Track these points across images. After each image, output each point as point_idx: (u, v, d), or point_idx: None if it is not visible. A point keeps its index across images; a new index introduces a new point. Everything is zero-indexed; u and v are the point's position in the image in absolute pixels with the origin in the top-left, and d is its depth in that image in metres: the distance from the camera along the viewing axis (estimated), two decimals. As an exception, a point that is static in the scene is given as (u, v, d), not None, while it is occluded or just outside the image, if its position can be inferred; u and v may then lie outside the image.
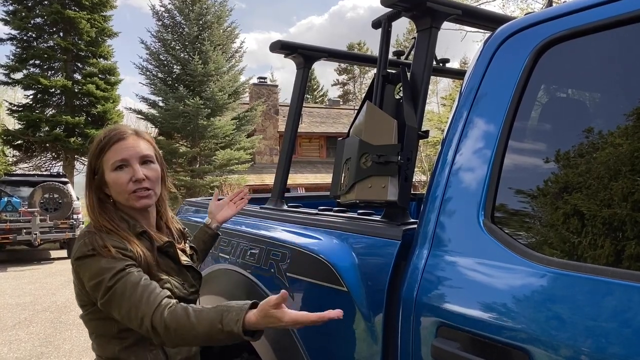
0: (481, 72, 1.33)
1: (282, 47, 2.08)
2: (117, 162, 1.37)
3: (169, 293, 1.30)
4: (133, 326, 1.25)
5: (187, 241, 1.67)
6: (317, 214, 1.81)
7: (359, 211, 1.71)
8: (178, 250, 1.50)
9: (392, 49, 1.88)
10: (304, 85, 2.17)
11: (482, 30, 2.88)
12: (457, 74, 2.82)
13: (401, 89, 1.63)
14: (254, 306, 1.22)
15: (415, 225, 1.38)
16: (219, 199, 1.93)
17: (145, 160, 1.41)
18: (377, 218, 1.57)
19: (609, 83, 1.17)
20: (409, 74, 1.61)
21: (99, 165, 1.39)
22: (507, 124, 1.20)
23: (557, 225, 1.07)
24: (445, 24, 1.63)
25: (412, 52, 2.19)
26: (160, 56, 17.29)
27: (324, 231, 1.66)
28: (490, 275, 1.12)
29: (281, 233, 1.78)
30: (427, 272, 1.23)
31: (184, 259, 1.52)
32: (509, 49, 1.29)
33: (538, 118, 1.29)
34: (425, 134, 1.57)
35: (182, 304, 1.26)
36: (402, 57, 2.49)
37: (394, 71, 1.69)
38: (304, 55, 2.12)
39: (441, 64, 2.66)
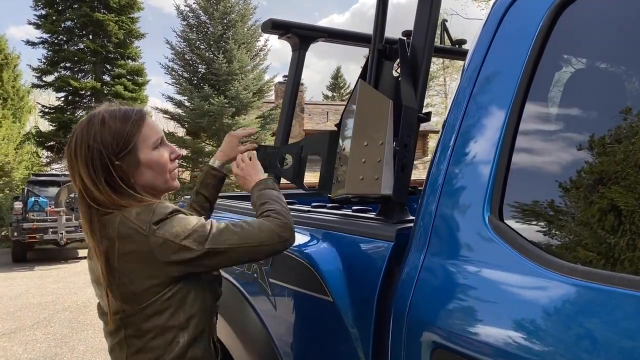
0: (487, 42, 1.09)
1: (274, 27, 1.88)
2: (159, 140, 1.24)
3: None
4: (251, 244, 1.15)
5: None
6: (308, 211, 1.60)
7: (353, 207, 1.49)
8: None
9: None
10: (300, 69, 1.96)
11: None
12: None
13: (399, 65, 1.41)
14: None
15: (412, 224, 1.16)
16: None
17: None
18: (372, 215, 1.35)
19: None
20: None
21: (133, 143, 1.19)
22: (518, 102, 0.97)
23: (587, 223, 0.84)
24: (470, 14, 1.39)
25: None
26: (186, 56, 17.37)
27: (313, 230, 1.45)
28: (496, 286, 0.89)
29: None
30: (422, 281, 1.01)
31: None
32: (519, 11, 1.06)
33: (556, 94, 1.05)
34: (427, 116, 1.34)
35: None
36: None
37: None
38: (300, 36, 1.91)
39: (457, 46, 2.41)
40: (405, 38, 1.99)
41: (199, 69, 17.41)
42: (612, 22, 0.93)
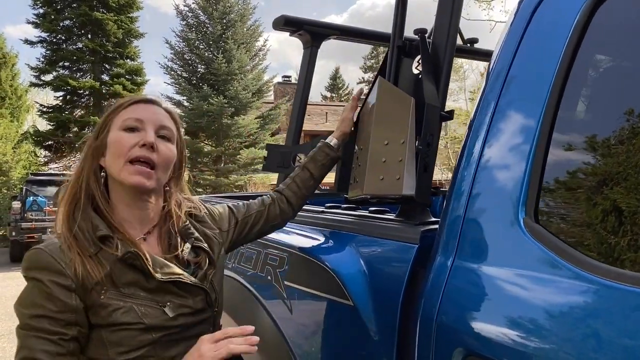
0: (515, 42, 1.05)
1: (286, 24, 1.84)
2: (129, 120, 1.07)
3: None
4: None
5: (190, 240, 1.16)
6: (322, 212, 1.56)
7: (370, 208, 1.45)
8: (155, 260, 1.06)
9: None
10: (312, 67, 1.93)
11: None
12: (487, 56, 2.52)
13: (420, 62, 1.37)
14: None
15: (437, 226, 1.12)
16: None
17: (162, 135, 1.10)
18: (391, 217, 1.31)
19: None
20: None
21: (107, 124, 1.10)
22: (552, 103, 0.93)
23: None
24: (474, 14, 1.36)
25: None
26: (185, 55, 17.32)
27: (329, 232, 1.41)
28: (534, 290, 0.85)
29: (279, 233, 1.53)
30: (451, 285, 0.97)
31: (167, 271, 1.07)
32: (550, 8, 1.02)
33: (592, 94, 1.01)
34: (450, 114, 1.30)
35: None
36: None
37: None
38: (312, 33, 1.87)
39: (469, 44, 2.38)
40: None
41: (198, 69, 17.36)
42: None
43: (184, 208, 1.18)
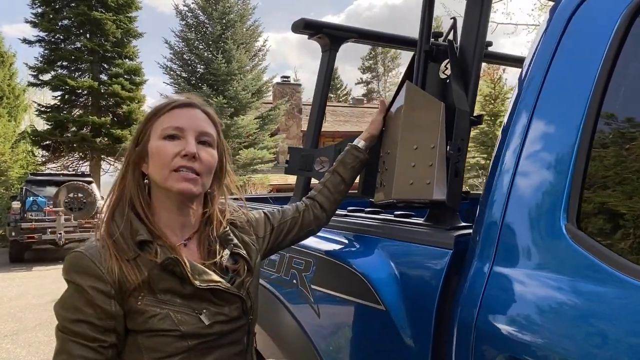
0: (551, 48, 1.05)
1: (305, 27, 1.84)
2: (169, 129, 1.06)
3: None
4: None
5: (229, 246, 1.14)
6: (345, 215, 1.56)
7: (395, 212, 1.45)
8: (193, 267, 1.04)
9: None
10: (330, 70, 1.92)
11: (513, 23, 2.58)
12: (501, 59, 2.52)
13: (447, 67, 1.37)
14: None
15: (470, 230, 1.13)
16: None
17: (203, 140, 1.09)
18: (420, 221, 1.31)
19: None
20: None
21: (146, 130, 1.09)
22: (594, 109, 0.93)
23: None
24: None
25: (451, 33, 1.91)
26: (184, 55, 17.30)
27: (355, 236, 1.41)
28: (578, 297, 0.85)
29: (305, 238, 1.53)
30: (491, 291, 0.97)
31: (205, 278, 1.05)
32: (589, 14, 1.02)
33: (634, 99, 1.01)
34: (478, 119, 1.30)
35: None
36: (440, 40, 2.22)
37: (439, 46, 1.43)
38: (331, 36, 1.87)
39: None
40: (434, 39, 1.95)
41: (198, 69, 17.35)
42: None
43: (227, 214, 1.18)
